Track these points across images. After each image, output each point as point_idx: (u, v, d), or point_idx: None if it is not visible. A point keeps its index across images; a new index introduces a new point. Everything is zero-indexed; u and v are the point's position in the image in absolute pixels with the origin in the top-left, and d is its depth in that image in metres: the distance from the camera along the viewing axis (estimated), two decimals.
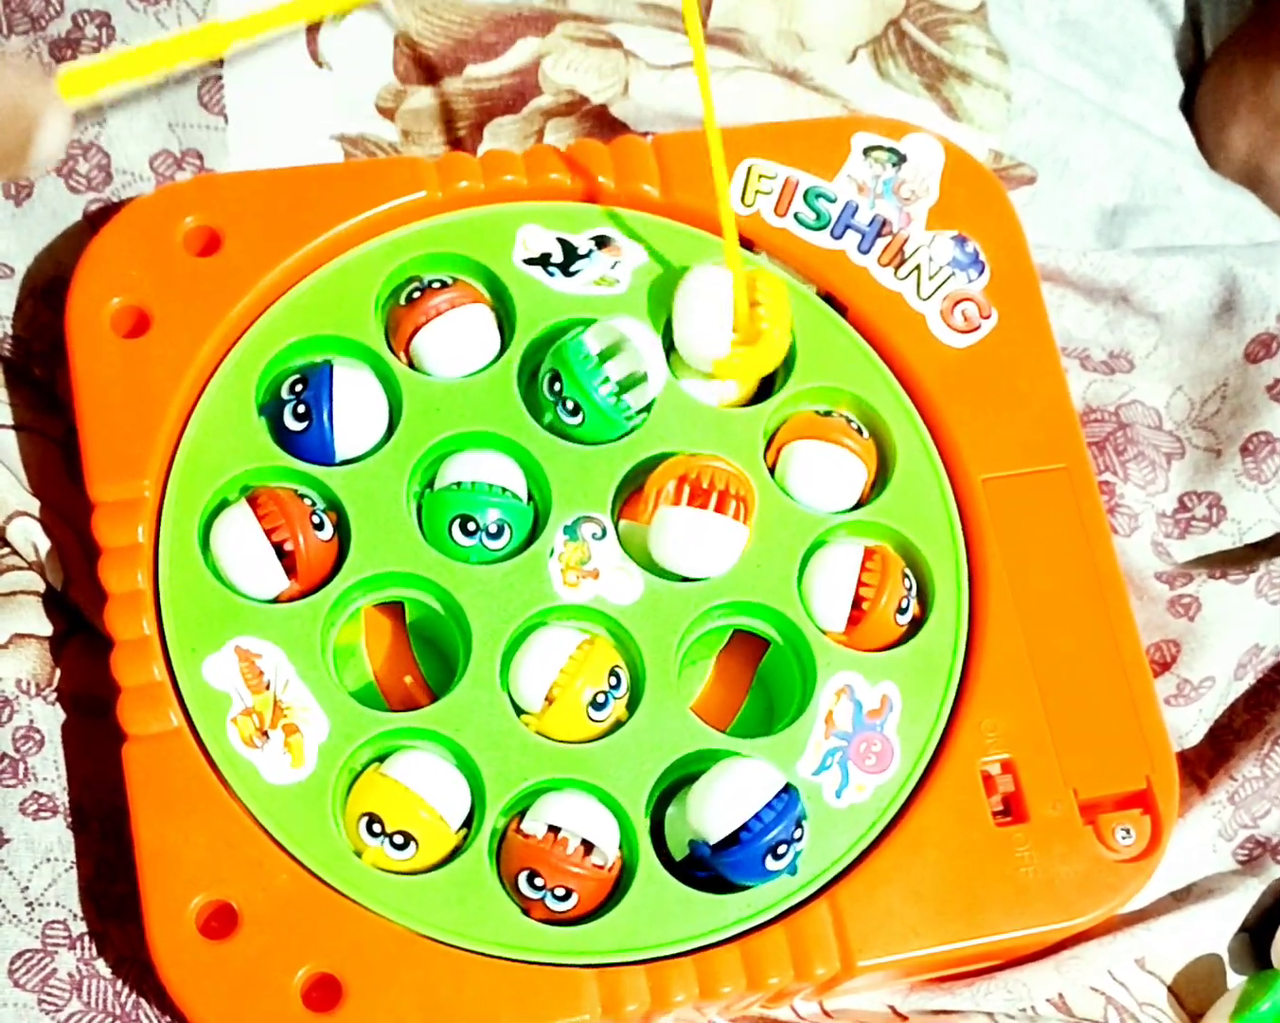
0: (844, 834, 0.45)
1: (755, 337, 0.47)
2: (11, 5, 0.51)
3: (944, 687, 0.46)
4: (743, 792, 0.43)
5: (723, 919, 0.44)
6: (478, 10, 0.54)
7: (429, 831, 0.43)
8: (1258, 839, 0.50)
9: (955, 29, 0.57)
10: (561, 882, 0.43)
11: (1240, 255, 0.54)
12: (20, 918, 0.44)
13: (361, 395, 0.47)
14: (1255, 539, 0.52)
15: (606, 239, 0.49)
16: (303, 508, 0.45)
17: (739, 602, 0.46)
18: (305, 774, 0.44)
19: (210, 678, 0.44)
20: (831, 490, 0.48)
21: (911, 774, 0.46)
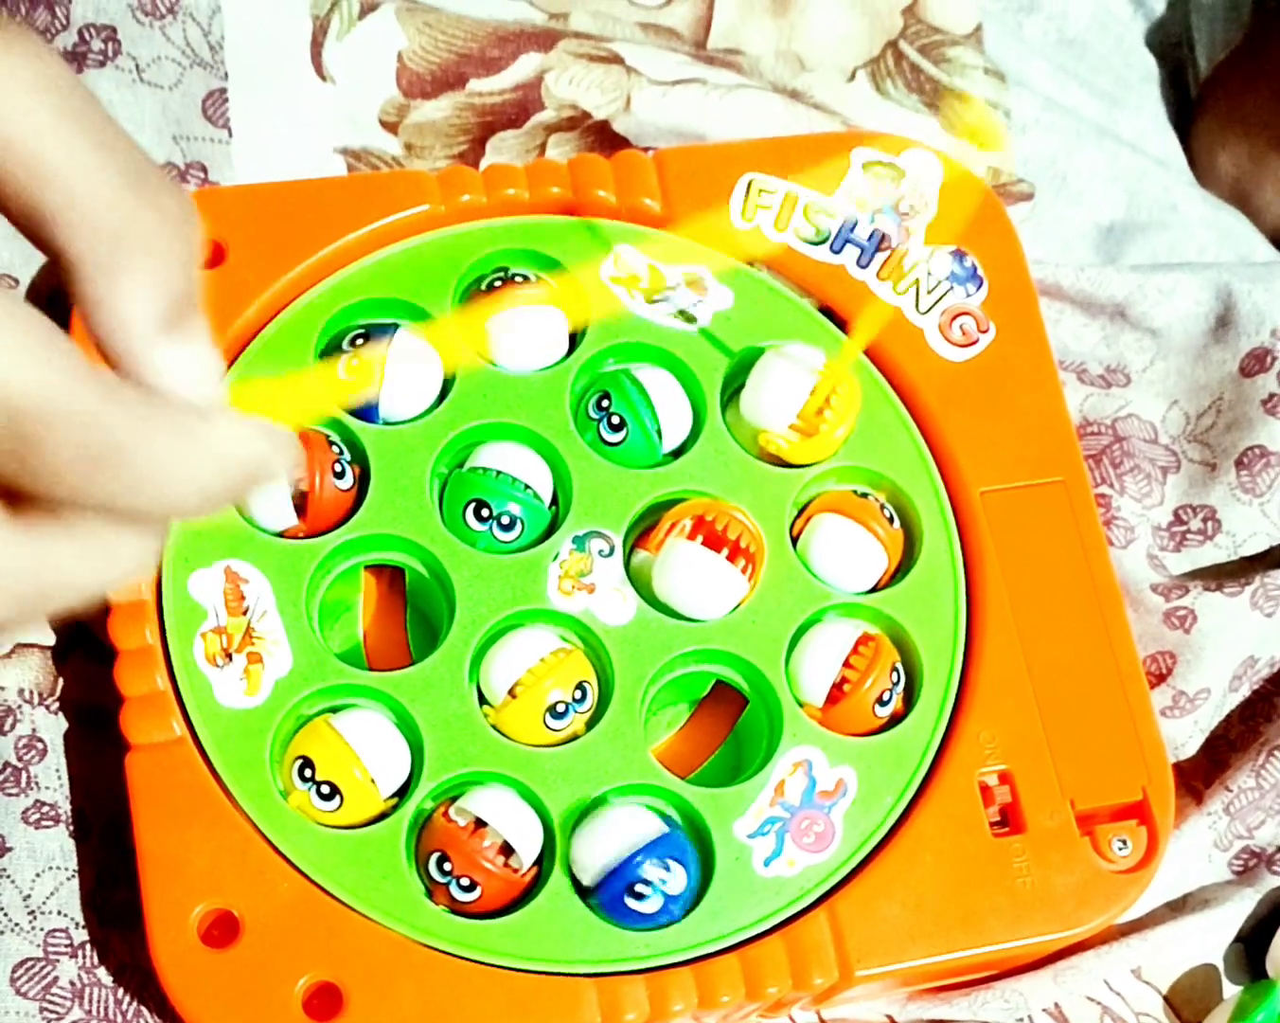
0: (760, 904, 0.44)
1: (812, 432, 0.48)
2: (17, 18, 0.52)
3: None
4: (626, 825, 0.44)
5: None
6: (481, 26, 0.54)
7: (357, 790, 0.43)
8: (1253, 850, 0.50)
9: (952, 51, 0.57)
10: (469, 873, 0.43)
11: (1236, 272, 0.54)
12: (22, 927, 0.44)
13: (417, 363, 0.47)
14: (1250, 552, 0.53)
15: (696, 277, 0.49)
16: (328, 454, 0.46)
17: (724, 652, 0.46)
18: (255, 703, 0.44)
19: (194, 590, 0.45)
20: (849, 570, 0.47)
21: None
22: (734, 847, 0.44)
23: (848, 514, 0.47)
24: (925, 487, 0.49)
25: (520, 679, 0.45)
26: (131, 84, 0.51)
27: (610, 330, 0.49)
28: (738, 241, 0.50)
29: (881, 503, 0.48)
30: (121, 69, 0.51)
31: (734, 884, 0.44)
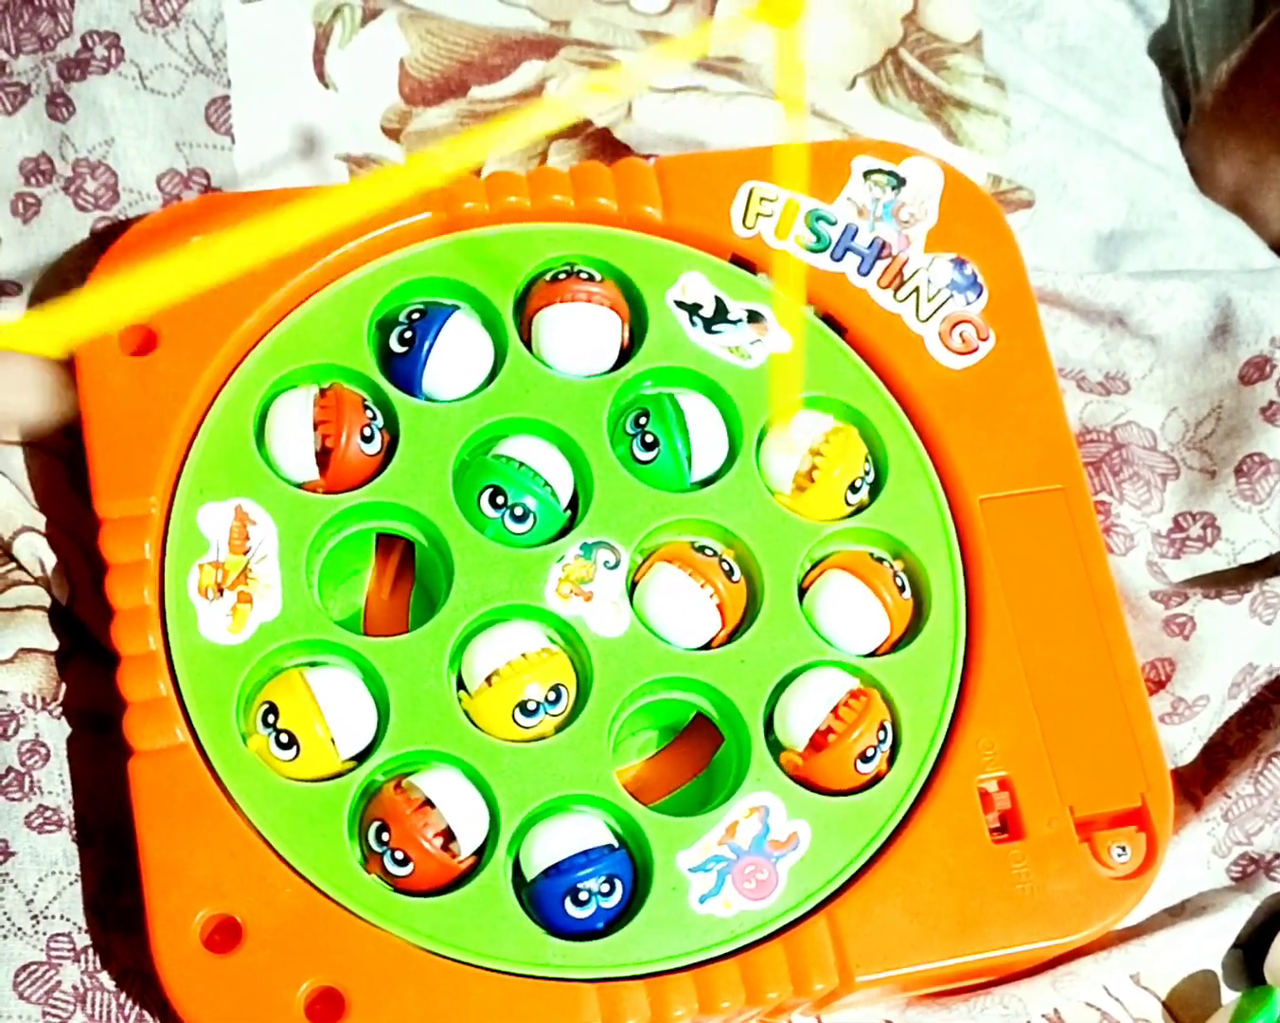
0: (684, 939, 0.43)
1: (807, 484, 0.48)
2: (20, 25, 0.52)
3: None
4: (574, 830, 0.44)
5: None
6: (483, 34, 0.54)
7: (315, 746, 0.44)
8: (1251, 856, 0.50)
9: (952, 59, 0.57)
10: (405, 848, 0.43)
11: (1235, 280, 0.55)
12: (25, 931, 0.44)
13: (467, 347, 0.48)
14: (1249, 559, 0.53)
15: (759, 316, 0.49)
16: (360, 416, 0.46)
17: (706, 685, 0.46)
18: (235, 640, 0.44)
19: (202, 521, 0.45)
20: (849, 630, 0.47)
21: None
22: (672, 876, 0.44)
23: (859, 575, 0.47)
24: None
25: (499, 669, 0.45)
26: (134, 91, 0.52)
27: (663, 351, 0.49)
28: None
29: (895, 571, 0.48)
30: (124, 76, 0.52)
31: (664, 914, 0.44)
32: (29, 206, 0.51)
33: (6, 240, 0.51)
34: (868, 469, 0.49)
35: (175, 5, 0.52)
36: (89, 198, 0.51)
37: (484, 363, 0.48)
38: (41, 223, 0.51)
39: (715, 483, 0.48)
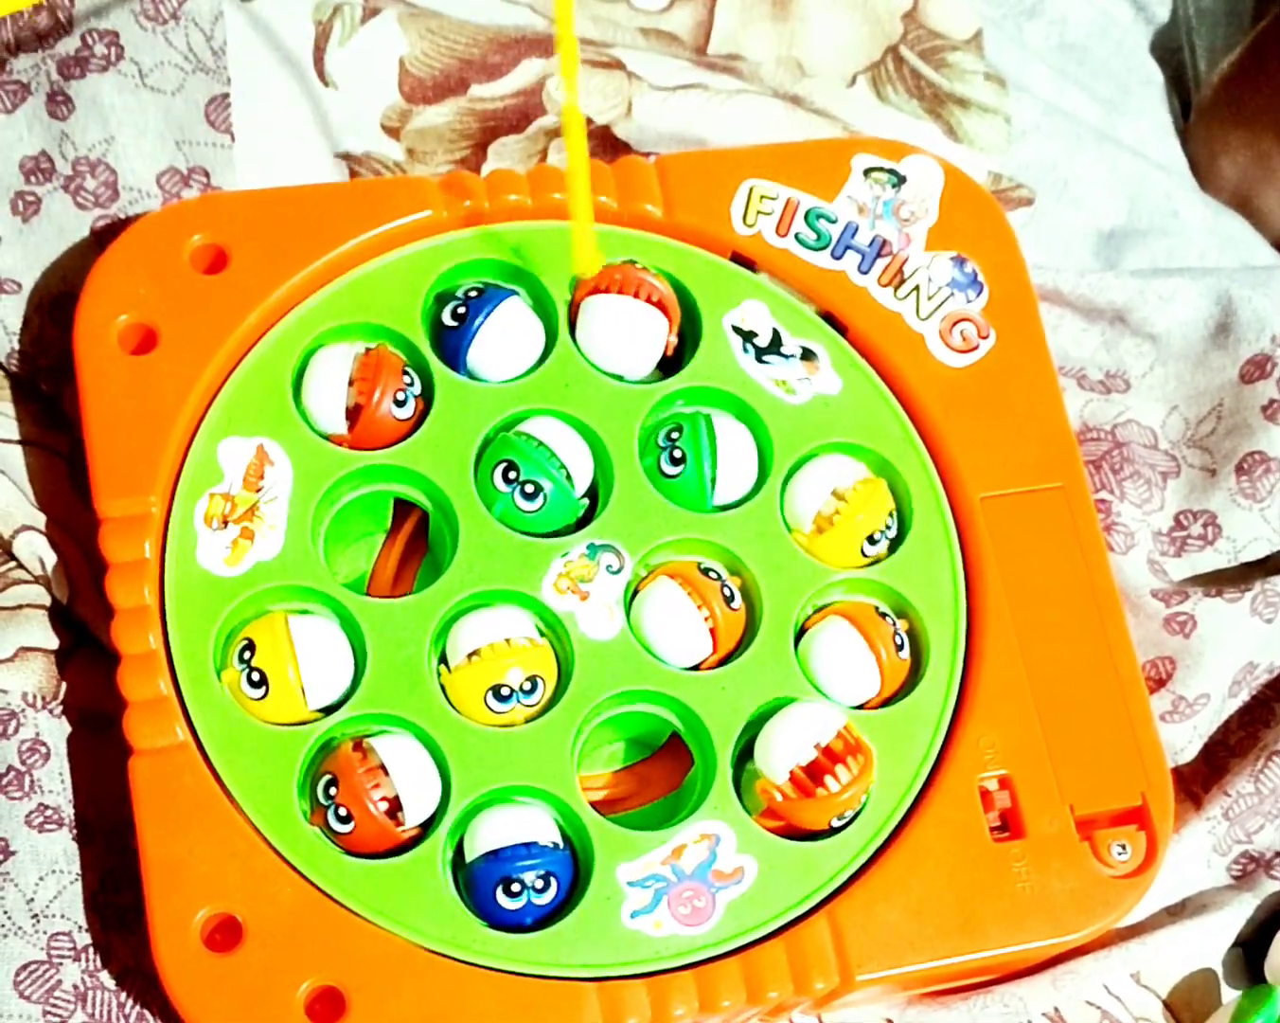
0: (609, 951, 0.43)
1: (827, 526, 0.48)
2: (20, 22, 0.52)
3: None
4: (519, 822, 0.44)
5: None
6: (482, 32, 0.54)
7: (285, 691, 0.44)
8: (1251, 855, 0.50)
9: (952, 56, 0.57)
10: (350, 807, 0.43)
11: (1236, 278, 0.55)
12: (26, 930, 0.44)
13: (517, 332, 0.48)
14: (1250, 558, 0.53)
15: (812, 354, 0.49)
16: (397, 380, 0.47)
17: (683, 704, 0.46)
18: (230, 574, 0.45)
19: (222, 452, 0.46)
20: (838, 680, 0.46)
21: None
22: (609, 886, 0.44)
23: (859, 627, 0.46)
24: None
25: (482, 649, 0.45)
26: (134, 89, 0.52)
27: (709, 371, 0.49)
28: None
29: (897, 629, 0.47)
30: (124, 74, 0.52)
31: (593, 922, 0.43)
32: (29, 205, 0.51)
33: (6, 239, 0.51)
34: (890, 523, 0.48)
35: (175, 3, 0.52)
36: (89, 196, 0.51)
37: (531, 351, 0.48)
38: (41, 221, 0.51)
39: (734, 509, 0.48)
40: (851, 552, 0.48)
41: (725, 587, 0.47)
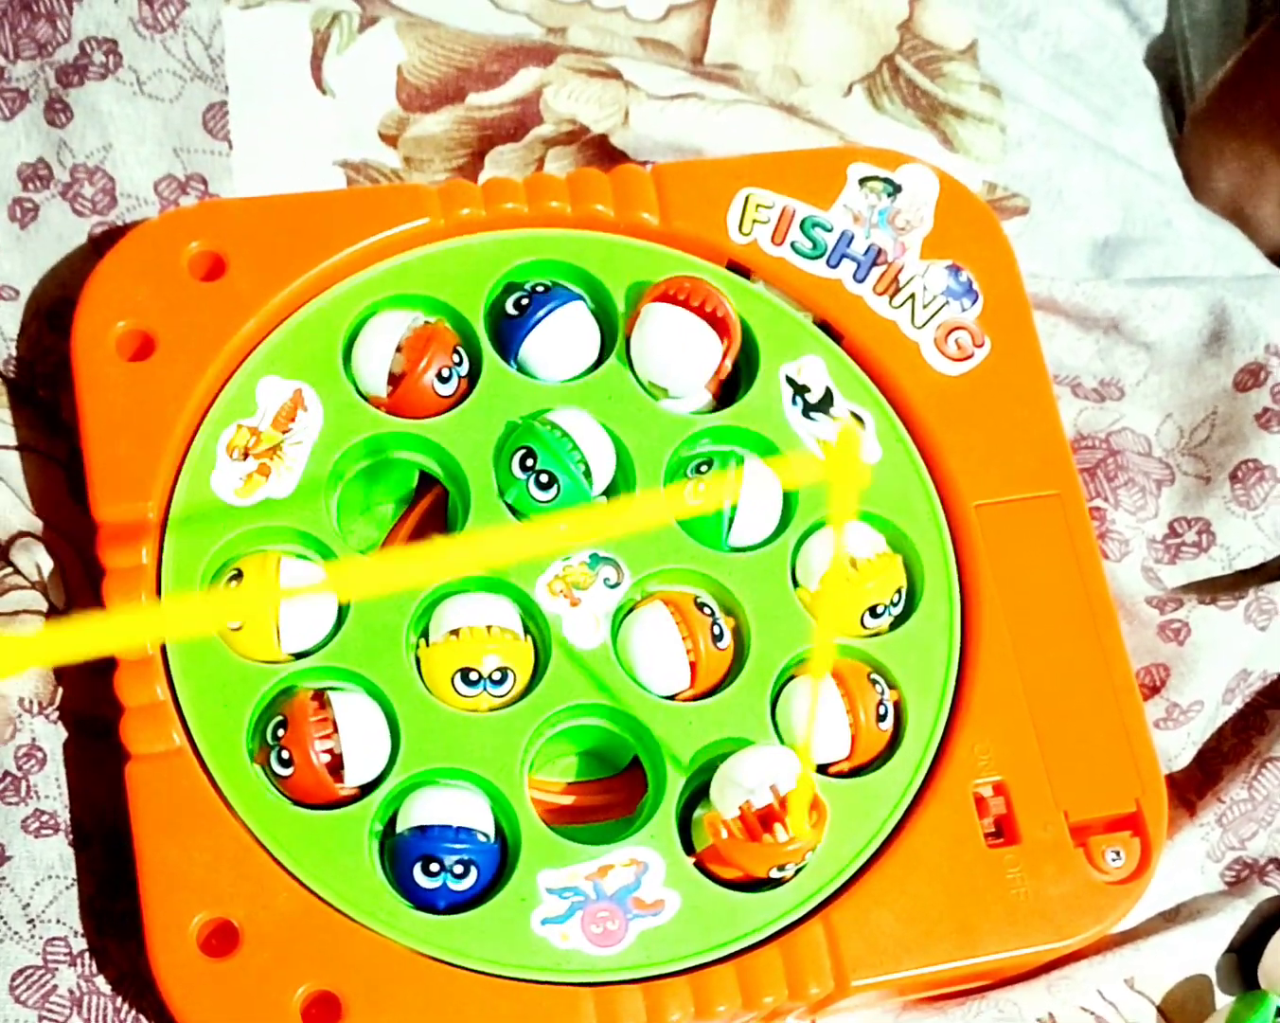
0: (509, 952, 0.43)
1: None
2: (19, 31, 0.52)
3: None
4: (453, 804, 0.44)
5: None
6: (480, 41, 0.55)
7: (260, 628, 0.44)
8: (1245, 861, 0.50)
9: (948, 66, 0.57)
10: (294, 752, 0.43)
11: (1230, 287, 0.55)
12: (21, 935, 0.44)
13: (574, 337, 0.48)
14: (1244, 565, 0.53)
15: (859, 420, 0.49)
16: (445, 356, 0.47)
17: (646, 729, 0.45)
18: (237, 503, 0.46)
19: (261, 389, 0.47)
20: (825, 747, 0.46)
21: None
22: (527, 888, 0.43)
23: (845, 689, 0.46)
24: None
25: (462, 629, 0.45)
26: (132, 96, 0.52)
27: (754, 415, 0.49)
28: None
29: (883, 699, 0.46)
30: (123, 82, 0.52)
31: (502, 919, 0.43)
32: (26, 212, 0.51)
33: (4, 246, 0.51)
34: (896, 601, 0.47)
35: (173, 12, 0.52)
36: (87, 203, 0.51)
37: (584, 358, 0.49)
38: (39, 228, 0.51)
39: (746, 553, 0.47)
40: (852, 619, 0.47)
41: (716, 624, 0.46)
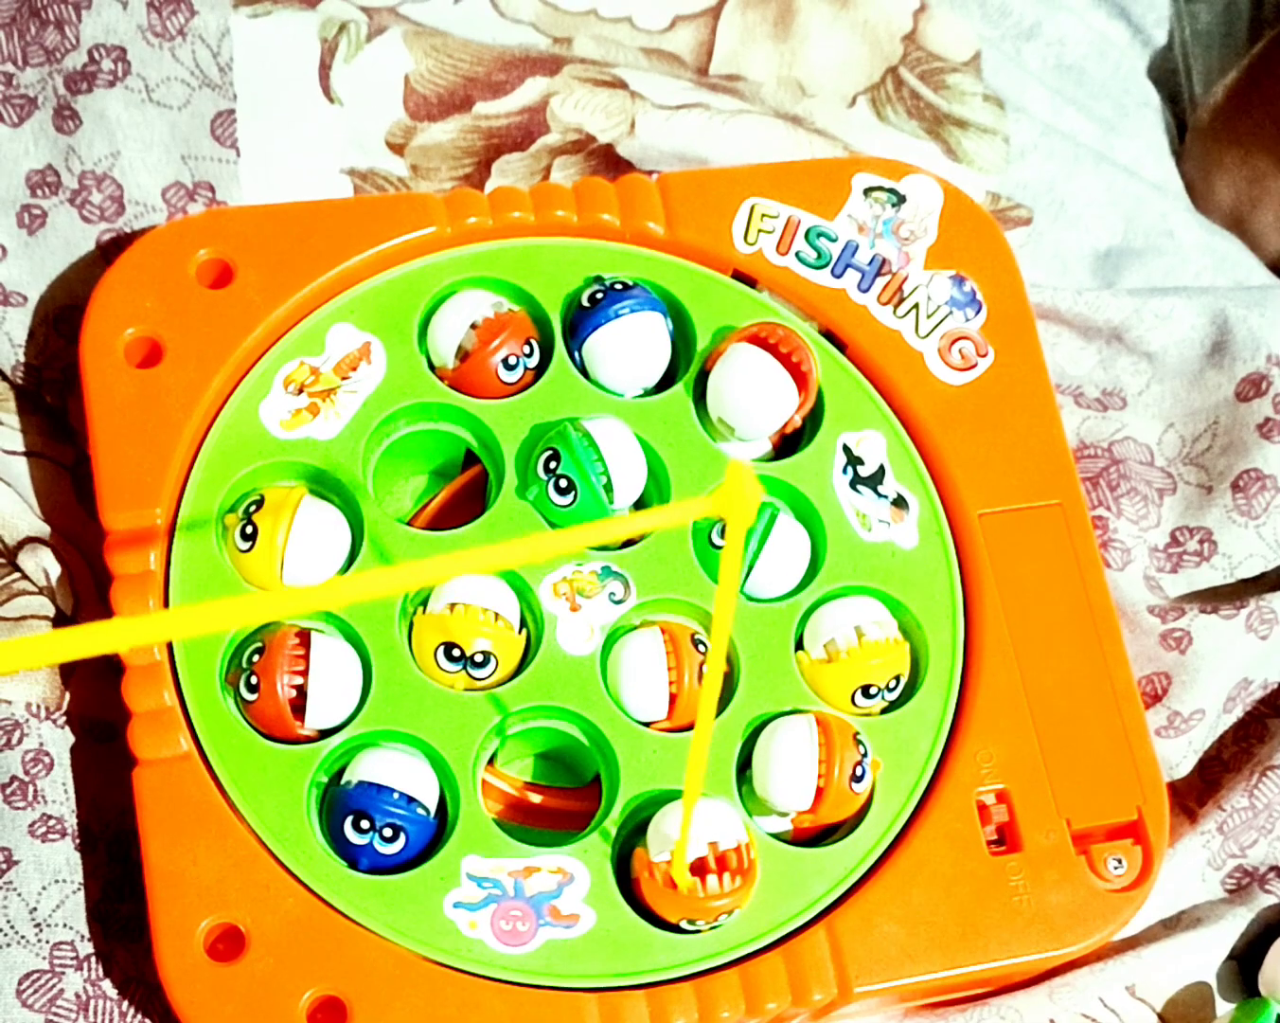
0: (418, 927, 0.43)
1: (835, 659, 0.46)
2: (27, 38, 0.52)
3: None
4: (401, 769, 0.44)
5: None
6: (487, 50, 0.55)
7: (268, 556, 0.45)
8: (1246, 869, 0.50)
9: (951, 77, 0.58)
10: (262, 678, 0.44)
11: (1231, 297, 0.55)
12: (29, 939, 0.44)
13: (644, 344, 0.48)
14: (1246, 574, 0.53)
15: (905, 504, 0.48)
16: (517, 345, 0.48)
17: (610, 748, 0.45)
18: (280, 435, 0.47)
19: (332, 333, 0.48)
20: (778, 788, 0.45)
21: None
22: (449, 869, 0.43)
23: (826, 733, 0.45)
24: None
25: (460, 606, 0.45)
26: (141, 104, 0.52)
27: (803, 474, 0.48)
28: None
29: (863, 760, 0.45)
30: (131, 89, 0.52)
31: (415, 893, 0.43)
32: (35, 218, 0.51)
33: (12, 252, 0.51)
34: (891, 686, 0.47)
35: (182, 20, 0.52)
36: (95, 210, 0.51)
37: (649, 370, 0.49)
38: (47, 235, 0.51)
39: (755, 604, 0.47)
40: (844, 694, 0.46)
41: (683, 645, 0.46)
